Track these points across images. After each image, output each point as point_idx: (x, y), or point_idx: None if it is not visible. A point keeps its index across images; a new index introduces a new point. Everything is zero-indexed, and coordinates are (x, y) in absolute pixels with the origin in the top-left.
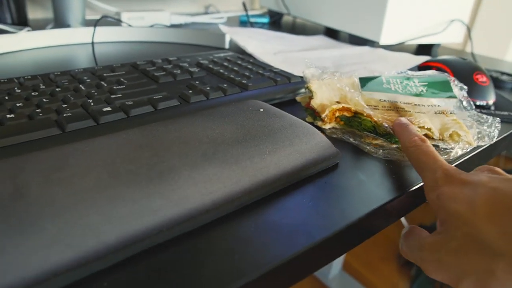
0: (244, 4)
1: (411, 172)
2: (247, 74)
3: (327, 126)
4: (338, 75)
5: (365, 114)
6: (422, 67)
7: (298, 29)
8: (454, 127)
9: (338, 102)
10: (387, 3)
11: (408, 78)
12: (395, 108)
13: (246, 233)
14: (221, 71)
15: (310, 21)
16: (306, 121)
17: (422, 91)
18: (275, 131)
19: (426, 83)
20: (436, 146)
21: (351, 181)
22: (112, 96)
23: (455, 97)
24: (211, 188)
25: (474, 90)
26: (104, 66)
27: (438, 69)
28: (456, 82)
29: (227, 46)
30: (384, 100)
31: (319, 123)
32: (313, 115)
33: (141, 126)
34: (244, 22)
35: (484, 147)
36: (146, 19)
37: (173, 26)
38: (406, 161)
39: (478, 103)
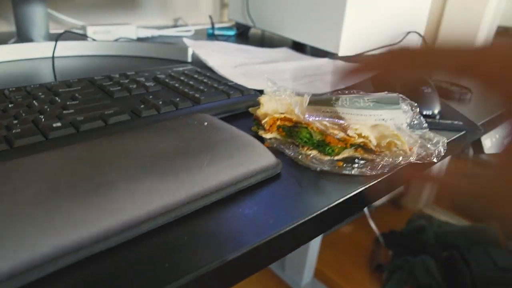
0: (210, 17)
1: (343, 182)
2: (201, 88)
3: (268, 136)
4: (289, 92)
5: (303, 123)
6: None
7: (265, 41)
8: (391, 137)
9: (282, 113)
10: (344, 17)
11: (359, 97)
12: (337, 117)
13: (179, 243)
14: (177, 85)
15: (275, 34)
16: (252, 131)
17: (368, 105)
18: (216, 144)
19: (375, 99)
20: (371, 160)
21: (289, 190)
22: (65, 112)
23: (400, 108)
24: (147, 200)
25: (420, 100)
26: (61, 81)
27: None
28: (406, 99)
29: (189, 59)
30: (327, 112)
31: (261, 132)
32: (258, 124)
33: (88, 141)
34: (211, 35)
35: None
36: (112, 33)
37: (139, 39)
38: (337, 172)
39: (424, 112)
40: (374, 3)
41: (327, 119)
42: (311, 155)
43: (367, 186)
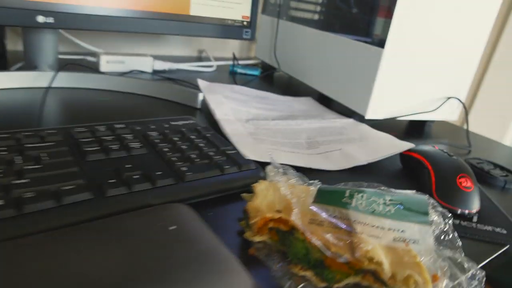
0: (233, 55)
1: None
2: (193, 156)
3: (256, 239)
4: (294, 180)
5: (300, 232)
6: (404, 155)
7: (291, 87)
8: (412, 268)
9: (279, 211)
10: (376, 77)
11: (379, 195)
12: (347, 223)
13: None
14: (165, 149)
15: (301, 81)
16: (240, 225)
17: (389, 210)
18: (173, 267)
19: (399, 201)
20: None
21: None
22: (15, 182)
23: (428, 223)
24: None
25: (455, 196)
26: (35, 131)
27: (419, 161)
28: (438, 207)
29: (199, 105)
30: (335, 216)
31: (248, 234)
32: (248, 220)
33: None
34: (234, 73)
35: None
36: (126, 64)
37: (155, 72)
38: None
39: (459, 212)
40: (411, 64)
41: (333, 221)
42: (302, 285)
43: None
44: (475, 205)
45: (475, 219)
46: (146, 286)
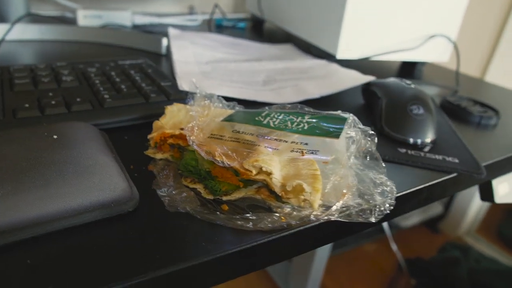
0: (216, 6)
1: (213, 241)
2: (122, 87)
3: (157, 156)
4: (214, 105)
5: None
6: (363, 88)
7: (279, 36)
8: (305, 179)
9: (182, 129)
10: (345, 12)
11: (299, 114)
12: (251, 139)
13: None
14: (97, 81)
15: (282, 28)
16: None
17: (302, 127)
18: (38, 166)
19: (315, 121)
20: (269, 210)
21: (124, 245)
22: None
23: (336, 137)
24: None
25: (405, 125)
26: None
27: (374, 92)
28: (360, 125)
29: (163, 51)
30: (239, 131)
31: (149, 151)
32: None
33: None
34: (220, 26)
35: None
36: (104, 18)
37: (135, 26)
38: (205, 218)
39: (411, 141)
40: None
41: (236, 136)
42: (195, 188)
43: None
44: (428, 134)
45: (427, 148)
46: (13, 177)
